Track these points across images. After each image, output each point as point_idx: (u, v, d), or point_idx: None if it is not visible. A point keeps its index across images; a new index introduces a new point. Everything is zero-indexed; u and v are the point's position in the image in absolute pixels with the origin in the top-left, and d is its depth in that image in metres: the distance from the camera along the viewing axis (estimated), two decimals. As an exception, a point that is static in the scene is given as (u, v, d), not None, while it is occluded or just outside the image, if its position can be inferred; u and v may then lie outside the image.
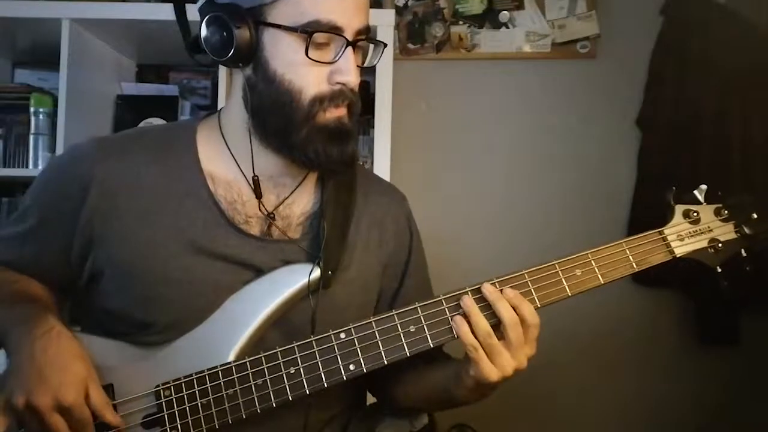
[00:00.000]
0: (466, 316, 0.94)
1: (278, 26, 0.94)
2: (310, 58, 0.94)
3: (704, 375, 2.27)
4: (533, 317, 0.94)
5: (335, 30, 0.94)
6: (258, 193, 1.03)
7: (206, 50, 0.97)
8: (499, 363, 0.93)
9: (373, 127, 1.94)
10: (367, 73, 0.96)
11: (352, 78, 0.97)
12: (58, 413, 0.86)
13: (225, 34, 0.94)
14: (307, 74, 0.95)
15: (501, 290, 0.95)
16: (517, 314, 0.93)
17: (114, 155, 1.02)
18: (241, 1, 0.95)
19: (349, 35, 0.96)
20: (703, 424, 2.25)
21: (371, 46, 1.04)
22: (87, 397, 0.88)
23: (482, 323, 0.93)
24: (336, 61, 0.96)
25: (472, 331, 0.93)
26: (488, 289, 0.95)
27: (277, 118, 0.97)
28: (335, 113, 0.98)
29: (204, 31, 0.96)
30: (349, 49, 0.96)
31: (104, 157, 1.02)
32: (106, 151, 1.03)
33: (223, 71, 1.95)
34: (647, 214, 2.16)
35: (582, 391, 2.30)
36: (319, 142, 0.97)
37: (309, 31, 0.93)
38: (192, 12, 1.04)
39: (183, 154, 1.04)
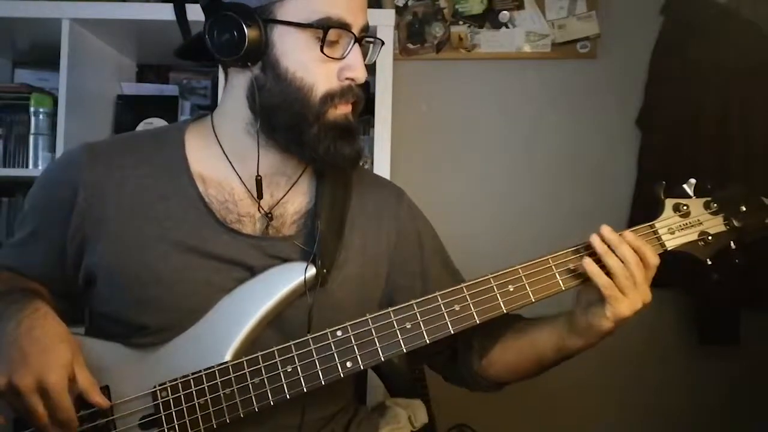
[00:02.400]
0: (594, 258, 0.97)
1: (290, 23, 0.94)
2: (325, 55, 0.95)
3: (704, 375, 2.27)
4: (655, 259, 0.98)
5: (345, 26, 0.96)
6: (259, 194, 1.03)
7: (212, 51, 0.97)
8: (632, 298, 0.96)
9: (373, 126, 1.93)
10: (368, 72, 0.99)
11: (361, 73, 0.98)
12: (38, 395, 0.85)
13: (235, 33, 0.93)
14: (317, 71, 0.96)
15: (620, 234, 0.99)
16: (639, 255, 0.97)
17: (102, 160, 1.03)
18: (248, 0, 0.95)
19: (355, 31, 0.97)
20: (703, 424, 2.25)
21: (371, 44, 1.05)
22: (73, 379, 0.88)
23: (617, 263, 0.96)
24: (345, 57, 0.97)
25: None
26: (607, 232, 0.98)
27: (288, 116, 0.97)
28: (343, 110, 0.99)
29: (211, 32, 0.96)
30: (357, 45, 0.98)
31: (92, 163, 1.02)
32: (94, 157, 1.03)
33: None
34: (647, 213, 2.16)
35: (582, 391, 2.30)
36: (330, 140, 0.98)
37: (324, 27, 0.94)
38: (192, 12, 1.03)
39: (171, 156, 1.04)
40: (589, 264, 0.97)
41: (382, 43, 1.06)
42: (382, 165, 1.89)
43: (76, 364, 0.88)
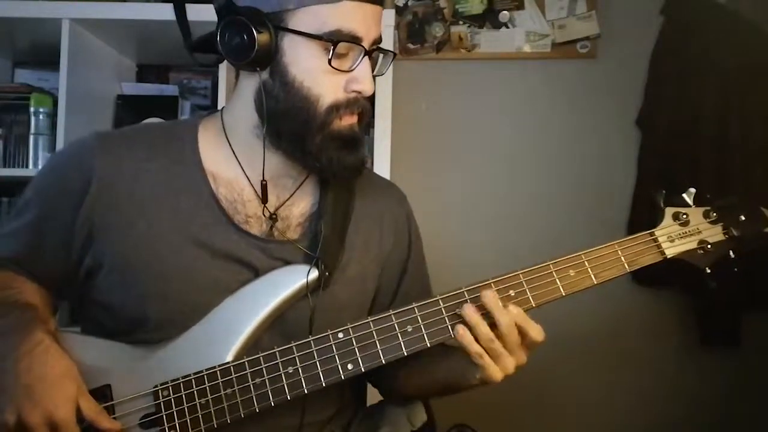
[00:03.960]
0: (467, 325, 0.95)
1: (301, 33, 0.94)
2: (332, 67, 0.94)
3: (704, 375, 2.27)
4: (539, 335, 0.95)
5: (356, 40, 0.95)
6: (264, 198, 1.03)
7: (222, 53, 0.96)
8: (503, 364, 0.95)
9: (373, 127, 1.93)
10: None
11: (368, 87, 0.98)
12: (49, 430, 0.85)
13: (246, 37, 0.93)
14: (325, 82, 0.96)
15: (506, 306, 0.94)
16: (521, 333, 0.94)
17: (115, 150, 1.02)
18: (261, 5, 0.94)
19: (366, 45, 0.97)
20: (703, 424, 2.25)
21: (381, 54, 1.05)
22: (79, 411, 0.88)
23: (485, 330, 0.94)
24: (353, 69, 0.97)
25: (475, 338, 0.94)
26: (488, 297, 0.95)
27: (293, 124, 0.97)
28: (348, 121, 0.99)
29: (222, 34, 0.96)
30: (366, 57, 0.97)
31: (106, 151, 1.02)
32: (107, 146, 1.03)
33: (223, 71, 1.95)
34: (647, 214, 2.16)
35: (582, 391, 2.31)
36: (333, 150, 0.98)
37: (333, 41, 0.93)
38: (192, 12, 1.04)
39: (184, 151, 1.05)
40: (460, 330, 0.94)
41: (394, 54, 1.06)
42: (382, 165, 1.90)
43: (80, 396, 0.89)
